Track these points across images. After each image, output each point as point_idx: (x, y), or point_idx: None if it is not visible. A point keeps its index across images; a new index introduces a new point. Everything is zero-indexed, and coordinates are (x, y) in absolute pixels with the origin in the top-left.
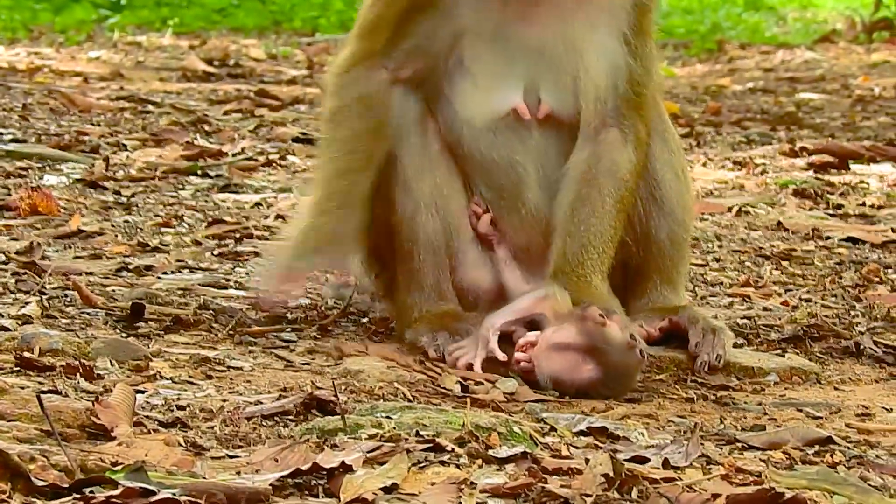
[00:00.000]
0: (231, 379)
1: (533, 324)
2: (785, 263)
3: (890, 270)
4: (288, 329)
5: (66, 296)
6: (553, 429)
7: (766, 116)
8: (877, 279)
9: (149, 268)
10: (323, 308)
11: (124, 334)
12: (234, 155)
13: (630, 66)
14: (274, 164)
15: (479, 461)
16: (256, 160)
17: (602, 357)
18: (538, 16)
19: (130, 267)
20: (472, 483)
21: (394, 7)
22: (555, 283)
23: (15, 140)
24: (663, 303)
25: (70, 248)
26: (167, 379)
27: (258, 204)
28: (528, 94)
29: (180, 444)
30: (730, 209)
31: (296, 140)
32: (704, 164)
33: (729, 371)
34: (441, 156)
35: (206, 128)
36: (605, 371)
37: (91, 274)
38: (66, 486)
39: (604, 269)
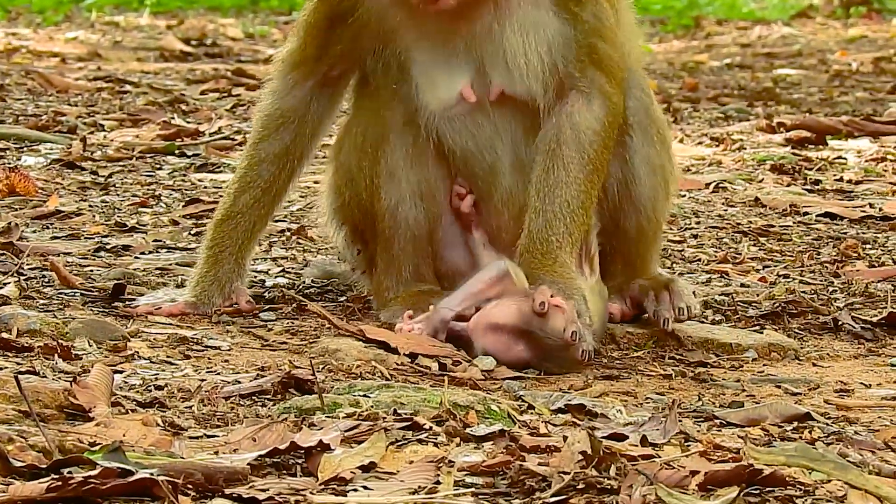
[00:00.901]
0: (209, 358)
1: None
2: (763, 239)
3: (868, 246)
4: (265, 308)
5: (43, 276)
6: (531, 406)
7: (743, 92)
8: (854, 255)
9: (126, 248)
10: (301, 287)
11: (104, 312)
12: (211, 134)
13: (577, 29)
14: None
15: (457, 439)
16: (233, 139)
17: (535, 342)
18: (469, 4)
19: (108, 247)
20: (450, 461)
21: (320, 14)
22: (514, 262)
23: None
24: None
25: (48, 228)
26: (145, 359)
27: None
28: (477, 78)
29: (158, 424)
30: (707, 185)
31: None
32: (682, 141)
33: (707, 347)
34: (426, 145)
35: (184, 107)
36: (538, 355)
37: (69, 254)
38: (44, 466)
39: (574, 241)
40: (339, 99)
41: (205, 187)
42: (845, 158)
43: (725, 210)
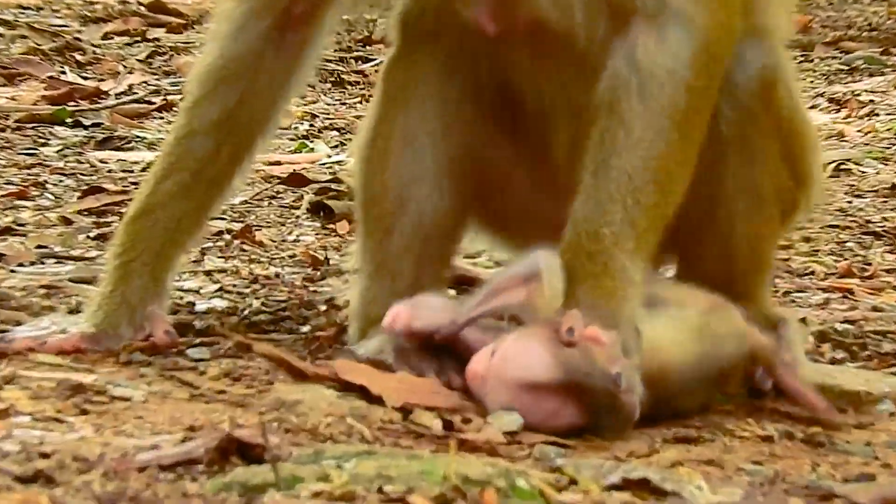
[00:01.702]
0: (115, 414)
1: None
2: None
3: None
4: (196, 343)
5: None
6: (574, 482)
7: (874, 33)
8: None
9: None
10: (247, 312)
11: None
12: (118, 96)
13: None
14: (174, 108)
15: None
16: (150, 103)
17: (584, 397)
18: None
19: None
20: None
21: None
22: (558, 261)
23: None
24: None
25: None
26: (25, 415)
27: (152, 165)
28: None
29: None
30: (824, 167)
31: None
32: None
33: (825, 397)
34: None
35: (78, 57)
36: (589, 415)
37: None
38: None
39: (639, 235)
40: (309, 49)
41: (109, 171)
42: None
43: (849, 202)
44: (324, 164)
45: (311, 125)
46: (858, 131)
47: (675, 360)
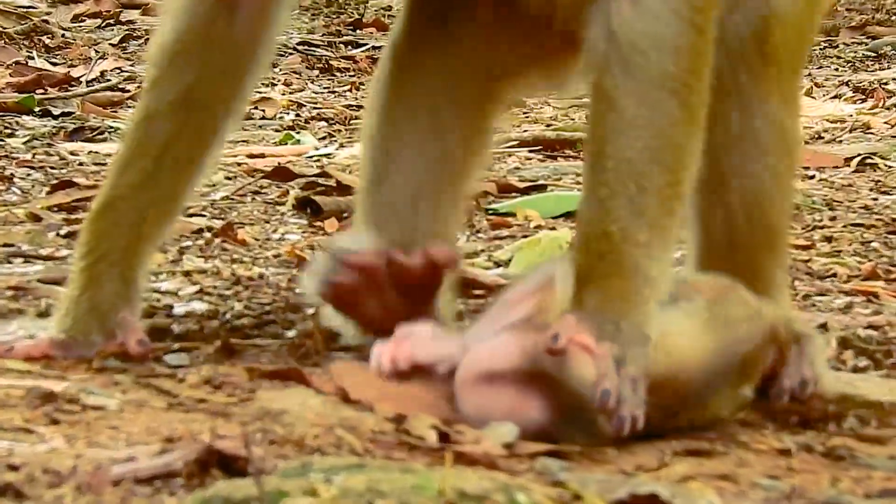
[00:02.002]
0: (88, 424)
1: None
2: None
3: None
4: (174, 349)
5: None
6: (578, 497)
7: None
8: None
9: None
10: (228, 315)
11: None
12: (90, 83)
13: None
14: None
15: None
16: (124, 90)
17: (551, 395)
18: None
19: None
20: None
21: None
22: (567, 259)
23: None
24: None
25: None
26: None
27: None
28: None
29: None
30: (848, 161)
31: None
32: (809, 93)
33: (846, 407)
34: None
35: (47, 41)
36: (555, 416)
37: None
38: None
39: (649, 226)
40: (266, 21)
41: (80, 164)
42: None
43: (875, 199)
44: (311, 157)
45: (298, 115)
46: (885, 123)
47: (691, 361)
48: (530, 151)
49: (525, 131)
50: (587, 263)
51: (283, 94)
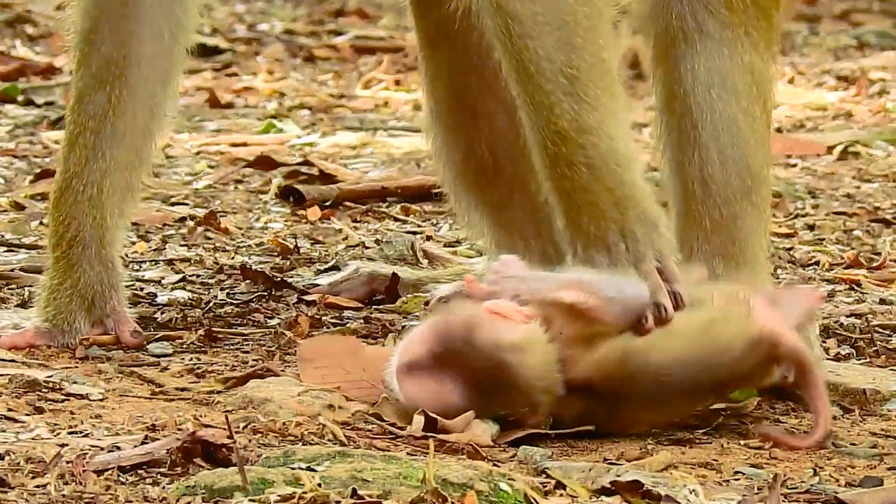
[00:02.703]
0: (72, 412)
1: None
2: None
3: None
4: (158, 337)
5: None
6: (561, 485)
7: (886, 6)
8: None
9: None
10: (211, 304)
11: None
12: (72, 72)
13: None
14: None
15: None
16: None
17: (465, 372)
18: None
19: None
20: None
21: None
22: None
23: None
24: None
25: None
26: None
27: None
28: None
29: None
30: (831, 149)
31: None
32: (792, 81)
33: (829, 395)
34: None
35: (30, 30)
36: (477, 395)
37: None
38: None
39: (593, 106)
40: None
41: None
42: None
43: (857, 187)
44: (293, 145)
45: (280, 104)
46: (868, 111)
47: (660, 362)
48: None
49: None
50: (565, 188)
51: (266, 83)
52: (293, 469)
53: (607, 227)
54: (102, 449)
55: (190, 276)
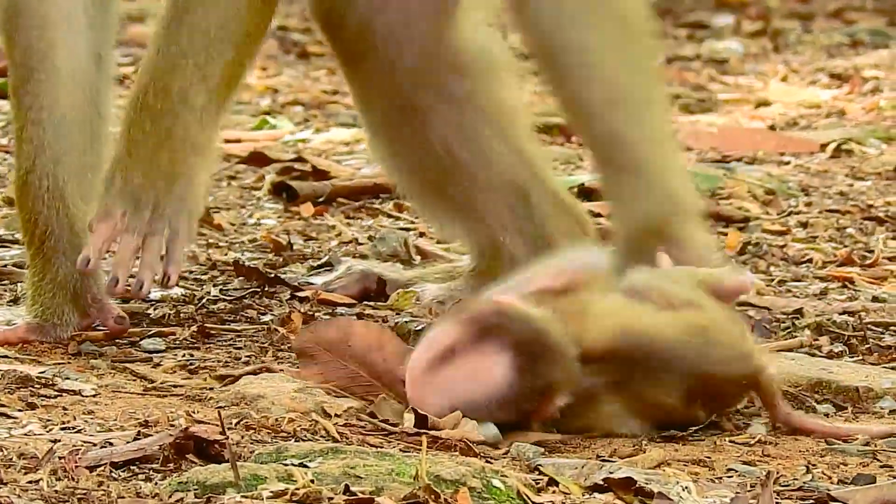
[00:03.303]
0: (64, 408)
1: None
2: None
3: None
4: (151, 333)
5: None
6: (553, 482)
7: (880, 4)
8: None
9: None
10: (204, 300)
11: None
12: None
13: None
14: (127, 81)
15: None
16: None
17: (500, 344)
18: None
19: None
20: None
21: None
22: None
23: None
24: None
25: None
26: None
27: None
28: None
29: None
30: (824, 147)
31: None
32: (785, 79)
33: (820, 393)
34: None
35: None
36: (516, 361)
37: None
38: None
39: (209, 91)
40: None
41: None
42: None
43: (851, 185)
44: (287, 141)
45: (273, 100)
46: (861, 109)
47: (660, 343)
48: None
49: None
50: (138, 125)
51: (259, 80)
52: (286, 465)
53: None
54: (95, 445)
55: (183, 272)
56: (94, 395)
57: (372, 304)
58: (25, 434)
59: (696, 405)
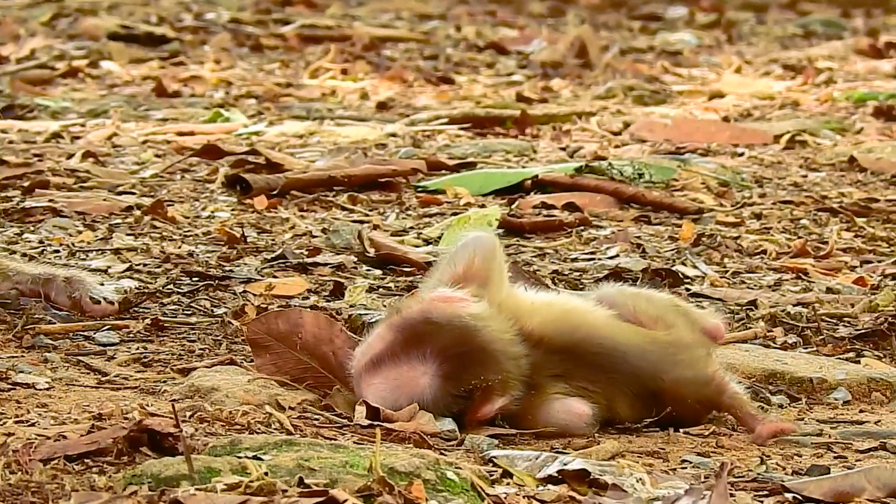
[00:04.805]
0: (18, 402)
1: None
2: (861, 221)
3: None
4: (104, 326)
5: None
6: (508, 474)
7: None
8: None
9: None
10: (157, 292)
11: None
12: (18, 61)
13: None
14: (81, 75)
15: None
16: (53, 68)
17: (429, 348)
18: None
19: None
20: None
21: None
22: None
23: None
24: None
25: None
26: None
27: (57, 136)
28: None
29: None
30: (777, 138)
31: (114, 37)
32: (739, 70)
33: (774, 384)
34: None
35: None
36: (446, 366)
37: None
38: None
39: None
40: None
41: (10, 142)
42: None
43: (804, 176)
44: (240, 134)
45: (227, 93)
46: (815, 100)
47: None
48: (460, 128)
49: (454, 108)
50: None
51: (213, 72)
52: (240, 458)
53: None
54: (49, 438)
55: (137, 265)
56: (47, 389)
57: (327, 297)
58: None
59: (645, 412)
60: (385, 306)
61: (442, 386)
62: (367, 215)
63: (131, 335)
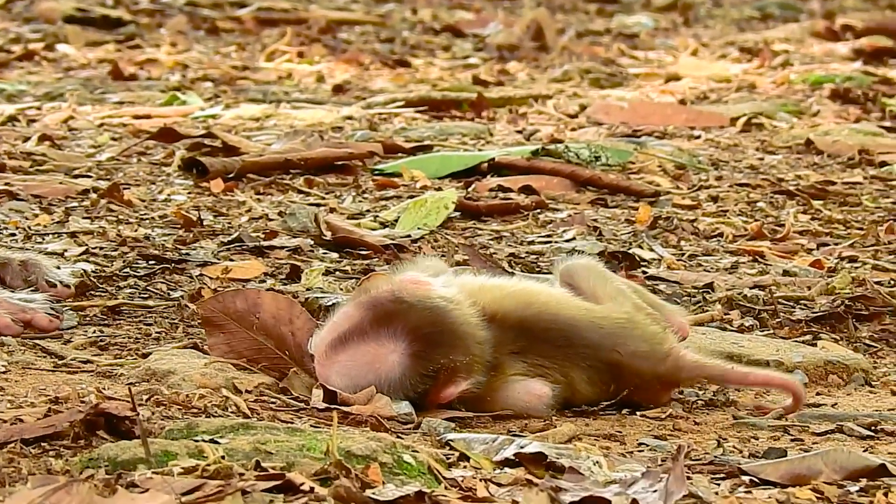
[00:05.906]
0: None
1: None
2: (818, 203)
3: None
4: (64, 308)
5: None
6: (464, 457)
7: None
8: None
9: None
10: (115, 276)
11: None
12: None
13: None
14: (37, 58)
15: None
16: (9, 51)
17: (398, 327)
18: None
19: None
20: None
21: None
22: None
23: None
24: None
25: None
26: None
27: (13, 119)
28: None
29: None
30: (734, 121)
31: (70, 20)
32: (695, 53)
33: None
34: None
35: None
36: (414, 346)
37: None
38: None
39: None
40: None
41: None
42: None
43: (761, 159)
44: (196, 117)
45: (183, 76)
46: (771, 83)
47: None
48: (416, 111)
49: (411, 91)
50: None
51: (169, 55)
52: (196, 441)
53: None
54: (5, 422)
55: (93, 248)
56: (3, 372)
57: (284, 280)
58: None
59: (604, 390)
60: (342, 290)
61: (411, 364)
62: (324, 198)
63: (87, 318)
